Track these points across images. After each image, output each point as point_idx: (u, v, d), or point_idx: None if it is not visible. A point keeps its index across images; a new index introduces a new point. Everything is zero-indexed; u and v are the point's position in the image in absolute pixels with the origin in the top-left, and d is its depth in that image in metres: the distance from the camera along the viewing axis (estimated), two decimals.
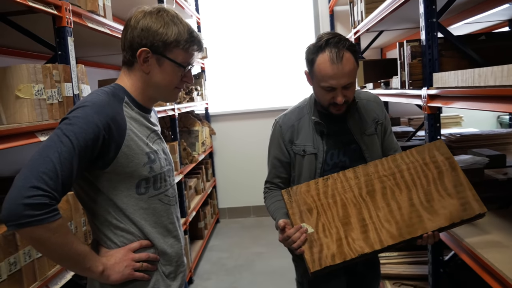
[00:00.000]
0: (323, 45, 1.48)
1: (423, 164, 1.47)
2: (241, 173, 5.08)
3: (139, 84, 1.25)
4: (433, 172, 1.45)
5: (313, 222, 1.43)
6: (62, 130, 1.07)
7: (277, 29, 5.03)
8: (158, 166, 1.25)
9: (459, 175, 1.44)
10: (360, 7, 3.12)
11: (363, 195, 1.45)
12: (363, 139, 1.63)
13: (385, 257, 2.63)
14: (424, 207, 1.40)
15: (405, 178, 1.46)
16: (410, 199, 1.42)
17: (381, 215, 1.41)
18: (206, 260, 3.94)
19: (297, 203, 1.47)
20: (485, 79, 1.30)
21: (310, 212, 1.45)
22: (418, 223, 1.38)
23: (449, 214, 1.38)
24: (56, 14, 1.64)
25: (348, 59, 1.47)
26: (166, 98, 1.33)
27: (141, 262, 1.23)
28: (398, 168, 1.48)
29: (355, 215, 1.42)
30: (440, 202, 1.40)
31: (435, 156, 1.48)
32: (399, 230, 1.38)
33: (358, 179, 1.48)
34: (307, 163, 1.63)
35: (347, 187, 1.48)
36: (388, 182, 1.46)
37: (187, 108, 3.91)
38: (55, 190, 1.02)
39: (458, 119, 3.78)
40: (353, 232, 1.40)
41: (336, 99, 1.51)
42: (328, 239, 1.40)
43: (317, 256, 1.38)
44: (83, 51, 2.95)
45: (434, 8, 1.78)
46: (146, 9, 1.23)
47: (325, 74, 1.48)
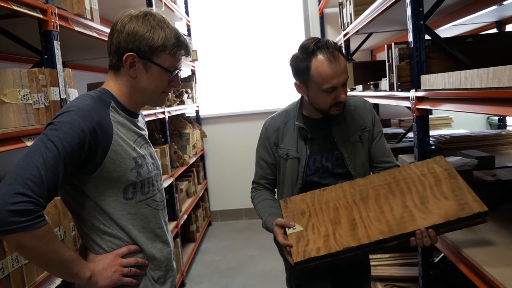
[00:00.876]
0: (314, 50, 1.49)
1: (421, 175, 1.45)
2: (232, 176, 5.07)
3: (126, 88, 1.24)
4: (430, 180, 1.42)
5: (304, 222, 1.45)
6: (47, 135, 1.06)
7: (268, 32, 5.03)
8: (145, 171, 1.25)
9: (458, 181, 1.39)
10: (349, 9, 3.13)
11: (356, 200, 1.47)
12: (345, 147, 1.64)
13: (376, 259, 2.64)
14: (418, 208, 1.36)
15: (400, 186, 1.45)
16: (404, 202, 1.40)
17: (372, 215, 1.40)
18: (198, 263, 3.93)
19: (291, 209, 1.52)
20: (472, 81, 1.31)
21: (303, 214, 1.48)
22: (409, 221, 1.33)
23: (444, 213, 1.31)
24: (42, 18, 1.62)
25: (340, 57, 1.51)
26: (153, 103, 1.32)
27: (130, 267, 1.22)
28: (395, 179, 1.48)
29: (345, 216, 1.43)
30: (435, 203, 1.35)
31: (434, 168, 1.45)
32: (389, 227, 1.33)
33: (354, 189, 1.51)
34: (290, 166, 1.65)
35: (341, 195, 1.51)
36: (383, 190, 1.47)
37: (178, 111, 3.89)
38: (41, 196, 1.01)
39: (448, 120, 3.80)
40: (341, 229, 1.39)
41: (340, 97, 1.53)
42: (315, 235, 1.40)
43: (302, 249, 1.38)
44: (71, 55, 2.92)
45: (422, 10, 1.79)
46: (133, 13, 1.22)
47: (326, 76, 1.48)
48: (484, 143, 2.73)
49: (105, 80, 1.29)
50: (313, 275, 1.66)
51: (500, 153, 2.62)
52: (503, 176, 1.93)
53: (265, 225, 1.60)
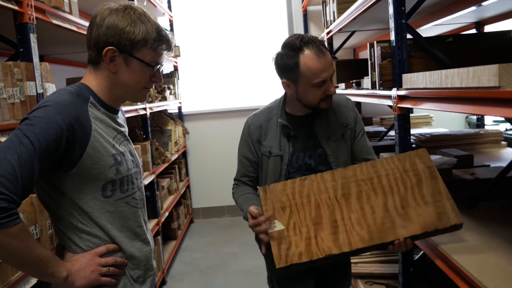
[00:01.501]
0: (301, 46, 1.51)
1: (403, 172, 1.45)
2: (215, 173, 5.05)
3: (106, 83, 1.22)
4: (411, 180, 1.43)
5: (285, 219, 1.43)
6: (22, 130, 1.03)
7: (251, 28, 5.01)
8: (125, 168, 1.22)
9: (439, 184, 1.41)
10: (332, 7, 3.14)
11: (338, 197, 1.45)
12: (328, 144, 1.64)
13: (357, 257, 2.66)
14: (399, 214, 1.38)
15: (383, 183, 1.45)
16: (385, 204, 1.41)
17: (354, 217, 1.40)
18: (180, 261, 3.90)
19: (271, 200, 1.47)
20: (452, 81, 1.32)
21: (283, 209, 1.45)
22: (390, 228, 1.36)
23: (423, 223, 1.35)
24: (17, 9, 1.57)
25: (326, 52, 1.54)
26: (134, 98, 1.30)
27: (108, 266, 1.20)
28: (377, 174, 1.46)
29: (327, 216, 1.42)
30: (415, 209, 1.38)
31: (416, 164, 1.45)
32: (370, 234, 1.37)
33: (335, 181, 1.47)
34: (272, 164, 1.65)
35: (323, 188, 1.47)
36: (365, 186, 1.45)
37: (160, 107, 3.85)
38: (14, 193, 0.97)
39: (429, 119, 3.86)
40: (323, 232, 1.39)
41: (329, 91, 1.55)
42: (297, 237, 1.40)
43: (284, 252, 1.38)
44: (50, 48, 2.86)
45: (403, 9, 1.80)
46: (113, 6, 1.19)
47: (316, 70, 1.50)
48: (463, 142, 2.77)
49: (83, 75, 1.26)
50: (295, 274, 1.66)
51: (479, 152, 2.67)
52: (481, 174, 1.97)
53: (245, 216, 1.58)
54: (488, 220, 1.69)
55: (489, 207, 1.84)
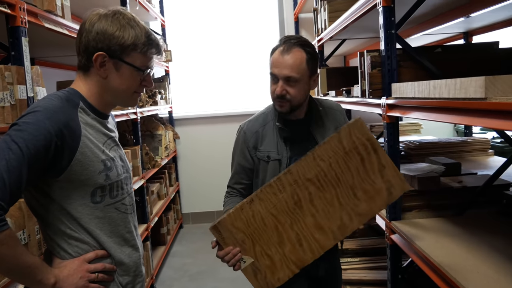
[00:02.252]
0: (282, 40, 1.59)
1: (344, 154, 1.40)
2: (205, 178, 5.04)
3: (96, 89, 1.21)
4: (355, 161, 1.39)
5: (250, 251, 1.42)
6: (11, 136, 1.02)
7: (243, 34, 5.03)
8: (114, 174, 1.22)
9: (381, 158, 1.39)
10: (323, 15, 3.17)
11: (291, 208, 1.41)
12: None
13: (347, 263, 2.67)
14: (353, 203, 1.40)
15: (329, 177, 1.40)
16: (338, 198, 1.40)
17: (312, 223, 1.41)
18: (169, 267, 3.88)
19: (229, 239, 1.43)
20: (440, 91, 1.35)
21: (244, 242, 1.42)
22: (348, 221, 1.41)
23: (376, 206, 1.41)
24: (10, 13, 1.56)
25: (296, 54, 1.54)
26: (125, 103, 1.30)
27: (97, 273, 1.19)
28: (320, 167, 1.40)
29: (288, 232, 1.42)
30: (366, 193, 1.40)
31: (354, 142, 1.39)
32: (333, 234, 1.41)
33: (282, 192, 1.41)
34: (271, 169, 1.65)
35: (272, 205, 1.41)
36: (313, 186, 1.40)
37: (150, 112, 3.84)
38: (2, 199, 0.97)
39: (418, 126, 3.90)
40: (290, 249, 1.42)
41: (276, 90, 1.56)
42: (268, 263, 1.42)
43: (263, 282, 1.43)
44: (41, 51, 2.84)
45: (393, 19, 1.82)
46: (101, 12, 1.19)
47: (273, 62, 1.57)
48: (451, 149, 2.82)
49: (74, 78, 1.26)
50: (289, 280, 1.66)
51: (466, 160, 2.71)
52: (469, 182, 2.00)
53: None
54: (475, 228, 1.72)
55: (476, 214, 1.87)
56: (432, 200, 1.94)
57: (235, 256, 1.42)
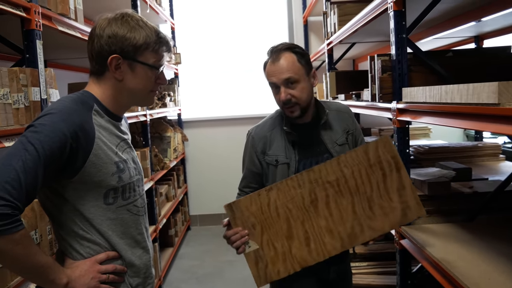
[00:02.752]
0: (269, 54, 1.65)
1: (368, 166, 1.42)
2: (213, 180, 5.05)
3: (111, 91, 1.23)
4: (377, 175, 1.42)
5: (257, 238, 1.43)
6: (27, 137, 1.04)
7: (252, 38, 5.05)
8: (127, 176, 1.23)
9: (403, 177, 1.42)
10: (333, 19, 3.17)
11: (306, 205, 1.43)
12: (335, 149, 1.67)
13: (356, 267, 2.66)
14: (367, 215, 1.42)
15: (349, 184, 1.43)
16: (353, 207, 1.42)
17: (324, 225, 1.42)
18: (176, 268, 3.89)
19: (240, 219, 1.44)
20: (452, 96, 1.34)
21: (254, 227, 1.44)
22: (359, 232, 1.42)
23: (389, 222, 1.42)
24: (25, 16, 1.59)
25: (286, 57, 1.58)
26: (142, 103, 1.34)
27: (108, 274, 1.20)
28: (342, 173, 1.43)
29: (299, 228, 1.43)
30: (382, 208, 1.42)
31: (380, 156, 1.42)
32: (341, 241, 1.42)
33: (301, 188, 1.43)
34: (280, 172, 1.66)
35: (289, 197, 1.44)
36: (331, 189, 1.43)
37: (160, 114, 3.86)
38: (18, 200, 0.98)
39: (427, 131, 3.88)
40: (296, 245, 1.42)
41: (280, 97, 1.59)
42: (272, 254, 1.42)
43: (263, 272, 1.43)
44: (53, 54, 2.88)
45: (404, 24, 1.82)
46: (110, 16, 1.21)
47: (268, 74, 1.63)
48: (461, 154, 2.79)
49: (86, 80, 1.28)
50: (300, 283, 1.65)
51: (477, 165, 2.68)
52: (479, 188, 1.98)
53: None
54: (486, 234, 1.71)
55: (487, 220, 1.86)
56: (442, 205, 1.93)
57: (242, 238, 1.43)
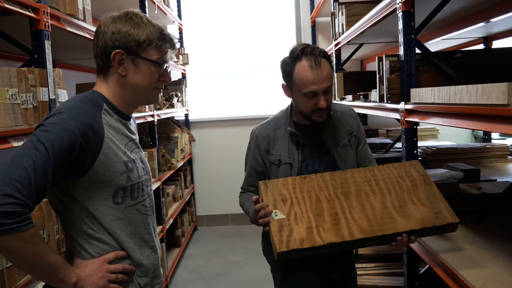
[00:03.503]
0: (299, 55, 1.55)
1: (399, 177, 1.50)
2: (220, 181, 5.06)
3: (117, 89, 1.24)
4: (407, 184, 1.49)
5: (285, 210, 1.44)
6: (37, 136, 1.05)
7: (259, 38, 5.05)
8: (135, 175, 1.24)
9: (433, 189, 1.47)
10: (341, 19, 3.16)
11: (338, 194, 1.48)
12: (337, 150, 1.67)
13: (361, 268, 2.65)
14: (397, 211, 1.43)
15: (380, 185, 1.49)
16: (384, 203, 1.45)
17: (354, 212, 1.43)
18: (183, 268, 3.90)
19: (272, 193, 1.48)
20: (461, 97, 1.33)
21: (284, 201, 1.46)
22: (390, 222, 1.40)
23: (421, 219, 1.41)
24: (34, 16, 1.60)
25: (325, 64, 1.55)
26: (146, 100, 1.33)
27: (116, 273, 1.20)
28: (374, 177, 1.51)
29: (328, 209, 1.44)
30: (412, 207, 1.43)
31: (410, 172, 1.51)
32: (371, 227, 1.40)
33: (335, 181, 1.51)
34: (282, 172, 1.67)
35: (323, 186, 1.50)
36: (364, 186, 1.49)
37: (167, 114, 3.87)
38: (28, 198, 0.99)
39: (435, 132, 3.86)
40: (324, 223, 1.41)
41: (319, 104, 1.55)
42: (298, 226, 1.41)
43: (285, 238, 1.37)
44: (61, 54, 2.90)
45: (413, 24, 1.81)
46: (114, 14, 1.23)
47: (306, 81, 1.53)
48: (469, 155, 2.77)
49: (94, 81, 1.29)
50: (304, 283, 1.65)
51: (485, 166, 2.66)
52: (488, 189, 1.96)
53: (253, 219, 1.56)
54: (494, 236, 1.69)
55: (495, 222, 1.84)
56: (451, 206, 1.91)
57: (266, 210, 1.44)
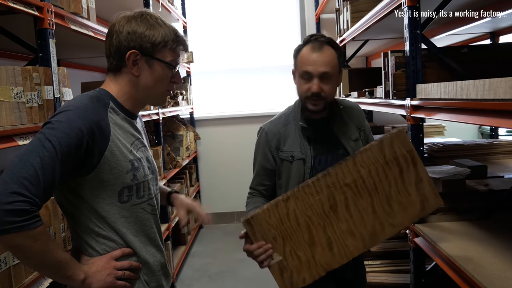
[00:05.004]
0: (308, 40, 1.59)
1: (384, 163, 1.41)
2: (225, 179, 5.06)
3: (127, 88, 1.24)
4: (394, 172, 1.41)
5: (280, 249, 1.41)
6: (45, 134, 1.05)
7: (264, 35, 5.04)
8: (141, 174, 1.23)
9: (419, 171, 1.41)
10: (346, 16, 3.15)
11: (326, 211, 1.41)
12: (349, 144, 1.66)
13: (369, 266, 2.64)
14: (386, 212, 1.40)
15: (366, 184, 1.41)
16: (373, 207, 1.41)
17: (345, 228, 1.41)
18: (189, 266, 3.90)
19: (260, 233, 1.42)
20: (467, 92, 1.32)
21: (275, 239, 1.41)
22: (380, 230, 1.41)
23: (409, 217, 1.41)
24: (38, 15, 1.60)
25: (328, 51, 1.55)
26: (156, 101, 1.33)
27: (123, 270, 1.20)
28: (359, 173, 1.41)
29: (320, 234, 1.41)
30: (400, 203, 1.40)
31: (396, 152, 1.41)
32: (363, 241, 1.41)
33: (319, 194, 1.41)
34: (295, 168, 1.64)
35: (308, 205, 1.41)
36: (350, 191, 1.41)
37: (172, 113, 3.87)
38: (36, 196, 0.99)
39: (441, 128, 3.83)
40: (320, 251, 1.41)
41: (312, 88, 1.54)
42: (296, 262, 1.41)
43: (288, 281, 1.41)
44: (66, 53, 2.90)
45: (418, 20, 1.80)
46: (128, 14, 1.23)
47: (304, 60, 1.56)
48: (476, 152, 2.75)
49: (100, 80, 1.29)
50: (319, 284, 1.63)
51: (492, 163, 2.64)
52: (495, 185, 1.95)
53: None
54: (501, 232, 1.68)
55: (502, 218, 1.83)
56: (457, 203, 1.90)
57: (267, 252, 1.40)
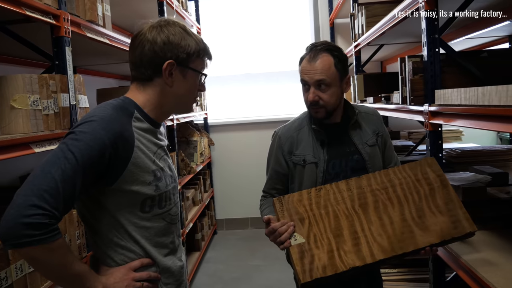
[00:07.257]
0: (307, 48, 1.63)
1: (415, 180, 1.46)
2: (239, 184, 5.05)
3: (156, 98, 1.23)
4: (425, 189, 1.45)
5: (304, 232, 1.40)
6: (68, 145, 1.04)
7: (277, 41, 5.03)
8: (163, 184, 1.22)
9: (450, 193, 1.43)
10: (361, 20, 3.12)
11: (356, 208, 1.43)
12: (365, 150, 1.64)
13: (385, 274, 2.59)
14: (416, 223, 1.39)
15: (398, 193, 1.45)
16: (402, 214, 1.41)
17: (373, 228, 1.39)
18: (203, 272, 3.89)
19: (289, 212, 1.43)
20: (490, 98, 1.28)
21: (302, 222, 1.42)
22: (409, 238, 1.37)
23: (440, 231, 1.38)
24: (54, 23, 1.62)
25: (324, 58, 1.56)
26: (185, 110, 1.35)
27: (142, 281, 1.19)
28: (391, 183, 1.46)
29: (347, 227, 1.40)
30: (431, 218, 1.40)
31: (427, 173, 1.47)
32: (391, 245, 1.36)
33: (351, 191, 1.46)
34: (308, 172, 1.63)
35: (340, 198, 1.45)
36: (381, 196, 1.45)
37: (186, 118, 3.88)
38: (56, 209, 0.98)
39: (459, 133, 3.76)
40: (345, 244, 1.37)
41: (308, 97, 1.58)
42: (319, 250, 1.37)
43: (308, 267, 1.34)
44: (81, 60, 2.93)
45: (437, 24, 1.76)
46: (154, 23, 1.22)
47: (301, 70, 1.60)
48: (496, 158, 2.68)
49: (114, 86, 1.29)
50: None
51: None
52: None
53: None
54: None
55: None
56: (478, 211, 1.84)
57: (289, 229, 1.38)
